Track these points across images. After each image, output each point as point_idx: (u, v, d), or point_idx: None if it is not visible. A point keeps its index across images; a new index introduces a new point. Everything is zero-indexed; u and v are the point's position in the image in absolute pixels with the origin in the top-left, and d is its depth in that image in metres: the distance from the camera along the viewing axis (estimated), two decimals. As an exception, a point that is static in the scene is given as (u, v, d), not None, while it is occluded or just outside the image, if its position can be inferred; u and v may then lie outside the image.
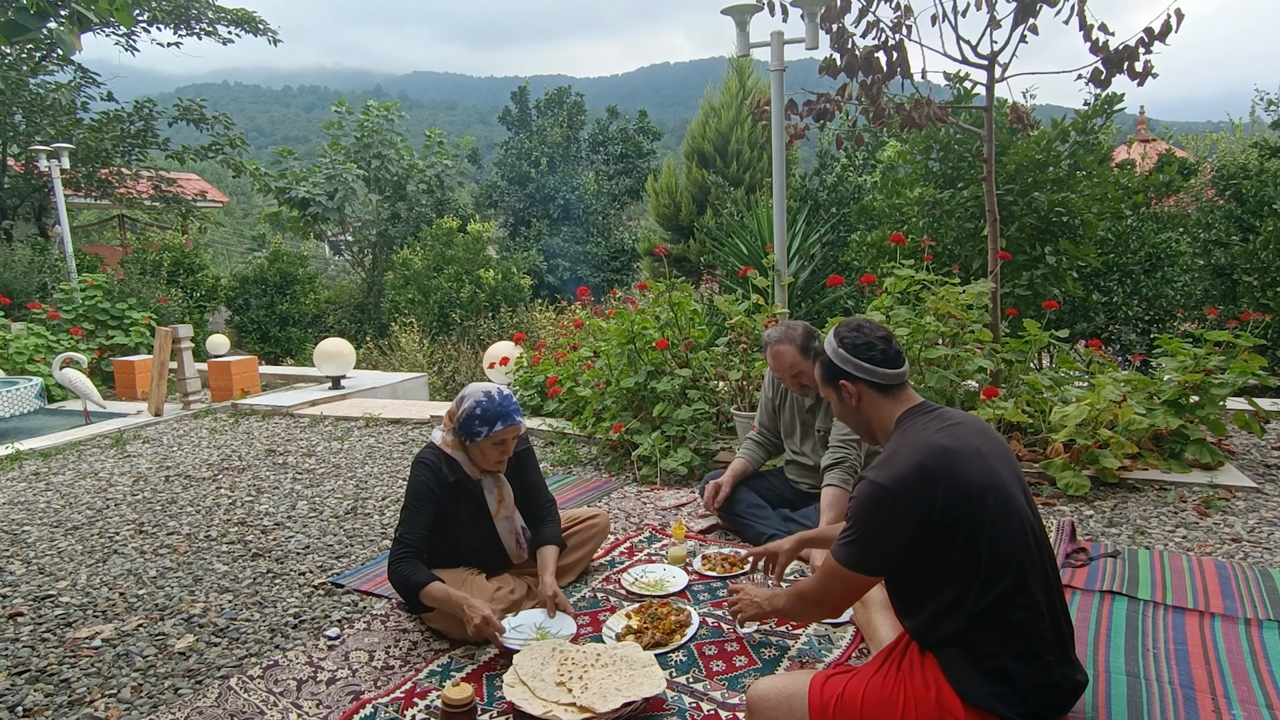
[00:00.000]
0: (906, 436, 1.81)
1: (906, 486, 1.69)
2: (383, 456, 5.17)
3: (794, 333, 3.26)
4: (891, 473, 1.72)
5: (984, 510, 1.68)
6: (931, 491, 1.67)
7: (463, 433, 2.69)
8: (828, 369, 1.99)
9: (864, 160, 11.87)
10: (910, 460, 1.72)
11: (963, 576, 1.69)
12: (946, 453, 1.72)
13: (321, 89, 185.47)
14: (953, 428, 1.80)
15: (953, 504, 1.67)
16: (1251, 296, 7.05)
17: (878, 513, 1.72)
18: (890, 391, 1.92)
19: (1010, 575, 1.69)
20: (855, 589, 1.84)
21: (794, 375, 3.27)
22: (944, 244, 6.15)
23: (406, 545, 2.59)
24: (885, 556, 1.75)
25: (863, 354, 1.91)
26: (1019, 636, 1.69)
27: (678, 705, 2.17)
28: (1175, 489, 3.75)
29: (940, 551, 1.69)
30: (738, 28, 4.91)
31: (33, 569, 3.47)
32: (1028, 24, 4.36)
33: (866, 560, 1.76)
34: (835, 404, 2.03)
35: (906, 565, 1.75)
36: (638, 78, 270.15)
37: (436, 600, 2.52)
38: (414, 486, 2.66)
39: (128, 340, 9.05)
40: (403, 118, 16.35)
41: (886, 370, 1.90)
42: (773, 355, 3.29)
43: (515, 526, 2.87)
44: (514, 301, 12.73)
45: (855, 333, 1.95)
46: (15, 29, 2.57)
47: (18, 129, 12.28)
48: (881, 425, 1.94)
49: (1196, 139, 21.60)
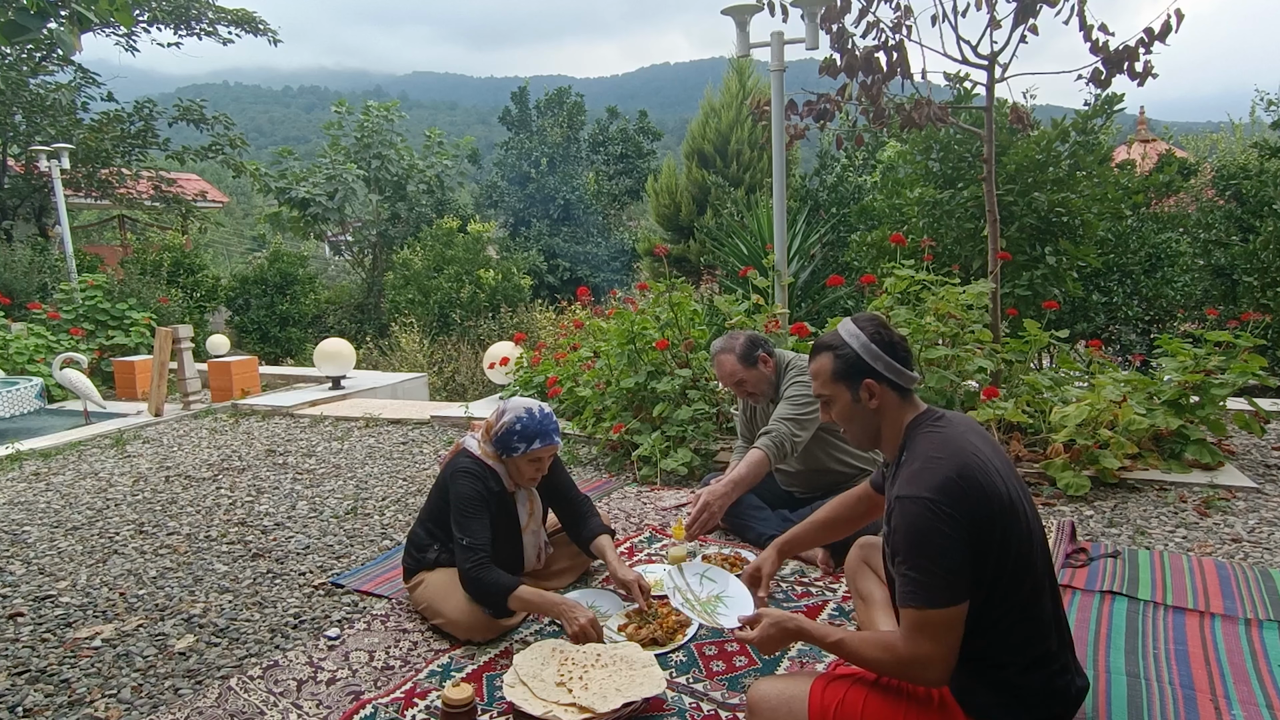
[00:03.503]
0: (931, 443, 1.71)
1: (952, 496, 1.59)
2: (383, 457, 5.17)
3: (735, 341, 3.32)
4: (931, 483, 1.61)
5: (1011, 520, 1.63)
6: (972, 500, 1.60)
7: (499, 446, 2.68)
8: (852, 364, 1.80)
9: (864, 160, 11.88)
10: (946, 469, 1.62)
11: (987, 587, 1.63)
12: (976, 456, 1.65)
13: (321, 89, 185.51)
14: (966, 435, 1.73)
15: (987, 513, 1.61)
16: (1251, 297, 7.05)
17: (936, 528, 1.58)
18: (907, 395, 1.82)
19: (1026, 586, 1.66)
20: (956, 628, 1.60)
21: (736, 383, 3.33)
22: (944, 244, 6.15)
23: (479, 551, 2.54)
24: (963, 573, 1.58)
25: (893, 352, 1.78)
26: (1030, 647, 1.68)
27: (678, 705, 2.17)
28: (1175, 489, 3.74)
29: (976, 563, 1.61)
30: (738, 28, 4.92)
31: (33, 569, 3.46)
32: (1028, 24, 4.35)
33: (951, 585, 1.57)
34: (841, 405, 1.85)
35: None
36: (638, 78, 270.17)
37: (529, 603, 2.50)
38: (466, 494, 2.62)
39: (128, 340, 9.05)
40: (403, 118, 16.35)
41: (910, 373, 1.80)
42: (716, 364, 3.35)
43: (540, 541, 2.89)
44: (514, 302, 12.73)
45: (884, 328, 1.81)
46: (15, 29, 2.57)
47: (18, 129, 12.29)
48: (891, 430, 1.82)
49: (1196, 139, 21.62)
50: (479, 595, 2.54)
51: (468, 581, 2.54)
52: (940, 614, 1.57)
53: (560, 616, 2.45)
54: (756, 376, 3.30)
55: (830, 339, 1.87)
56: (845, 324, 1.85)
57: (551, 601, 2.49)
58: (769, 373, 3.33)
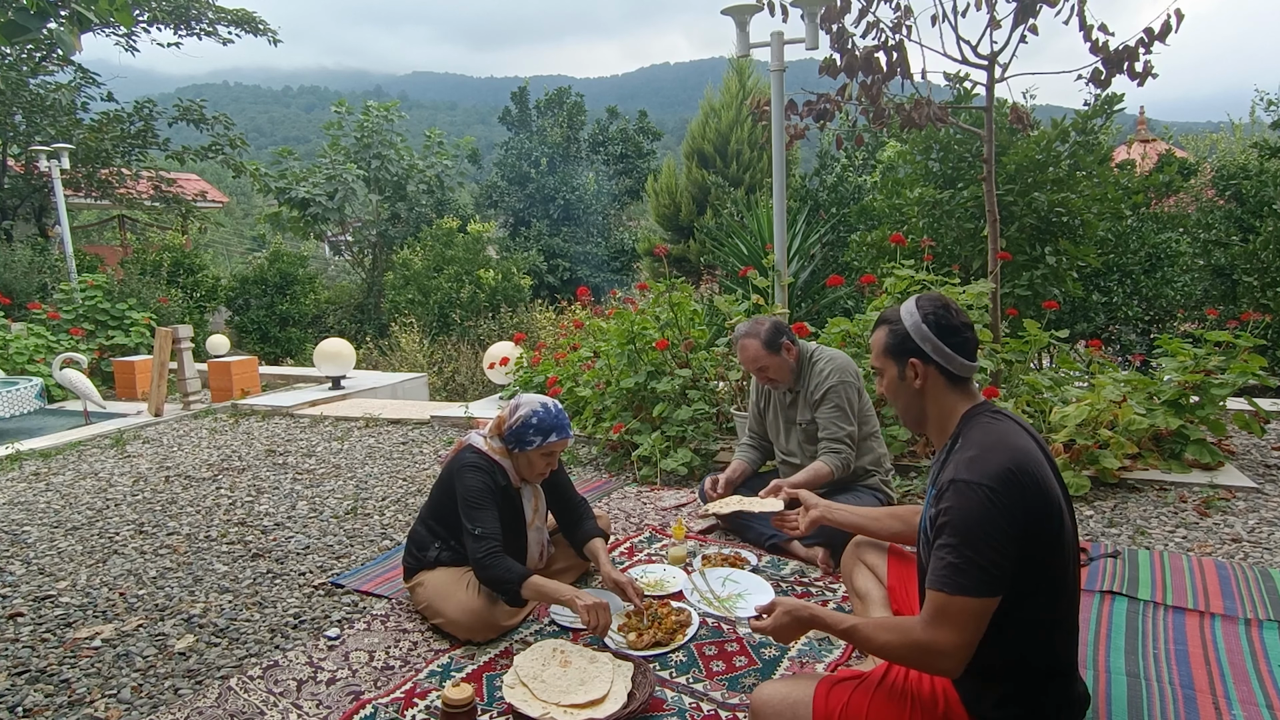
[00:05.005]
0: (989, 434, 1.67)
1: (1010, 488, 1.56)
2: (383, 457, 5.17)
3: (760, 327, 3.34)
4: (987, 470, 1.58)
5: (1059, 521, 1.62)
6: (1029, 496, 1.57)
7: (513, 440, 2.69)
8: (901, 341, 1.80)
9: (864, 160, 11.88)
10: (1002, 460, 1.60)
11: (1027, 588, 1.60)
12: (1030, 456, 1.62)
13: (321, 89, 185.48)
14: (1022, 433, 1.71)
15: (1038, 507, 1.58)
16: (1251, 297, 7.05)
17: (988, 514, 1.55)
18: (959, 384, 1.78)
19: (1063, 593, 1.64)
20: (981, 620, 1.56)
21: (759, 369, 3.36)
22: (944, 244, 6.16)
23: (491, 541, 2.55)
24: (1004, 568, 1.54)
25: (947, 336, 1.76)
26: (1054, 656, 1.67)
27: (678, 705, 2.17)
28: (1175, 489, 3.75)
29: (1022, 562, 1.58)
30: (738, 28, 4.91)
31: (33, 569, 3.46)
32: (1028, 24, 4.35)
33: (989, 577, 1.54)
34: (889, 379, 1.85)
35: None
36: (637, 78, 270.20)
37: (541, 591, 2.51)
38: (474, 486, 2.63)
39: (128, 340, 9.06)
40: (403, 118, 16.34)
41: (963, 360, 1.76)
42: (739, 349, 3.39)
43: (543, 538, 2.91)
44: (514, 302, 12.72)
45: (944, 311, 1.78)
46: (15, 29, 2.58)
47: (18, 129, 12.28)
48: (940, 416, 1.80)
49: (1196, 139, 21.61)
50: (492, 583, 2.55)
51: (480, 570, 2.55)
52: (970, 603, 1.54)
53: (571, 604, 2.46)
54: (779, 363, 3.33)
55: (890, 313, 1.87)
56: (909, 301, 1.85)
57: (563, 590, 2.50)
58: (791, 360, 3.36)
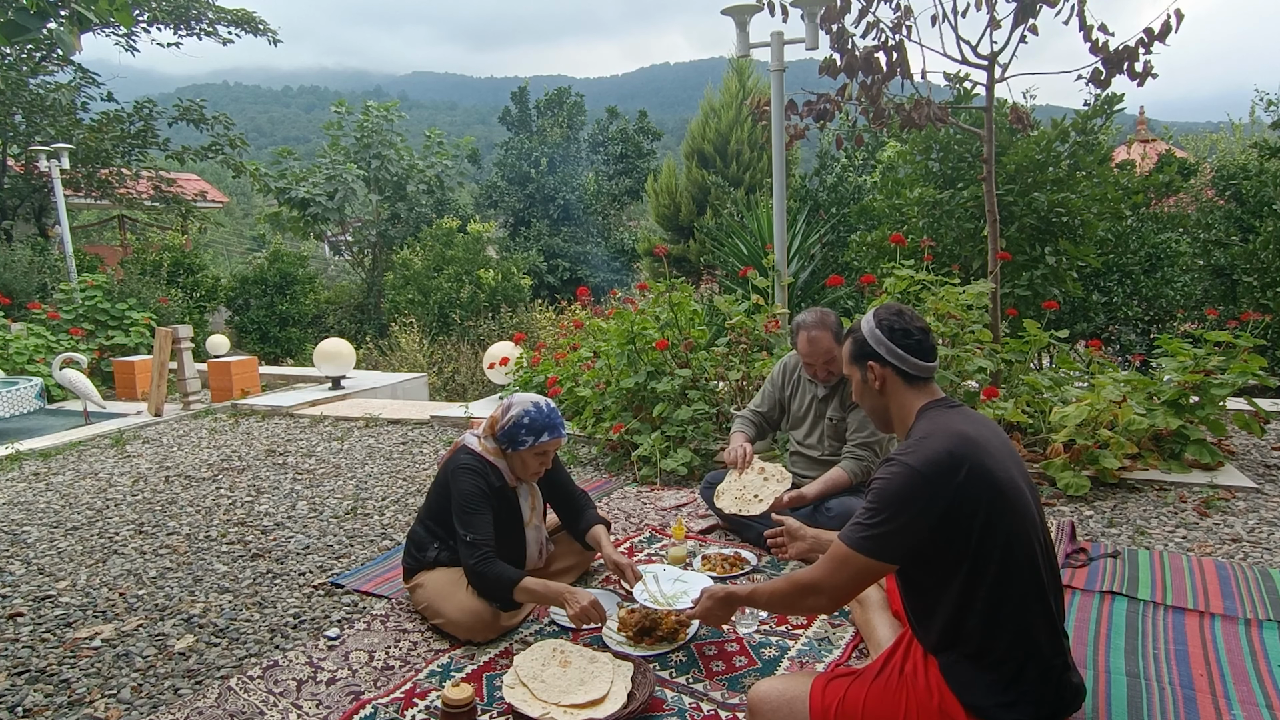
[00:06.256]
0: (934, 424, 1.79)
1: (939, 470, 1.67)
2: (383, 457, 5.17)
3: (829, 319, 3.21)
4: (922, 456, 1.70)
5: (1004, 503, 1.68)
6: (958, 477, 1.66)
7: (505, 440, 2.69)
8: (859, 347, 1.96)
9: (864, 160, 11.88)
10: (940, 445, 1.71)
11: (975, 573, 1.67)
12: (974, 442, 1.71)
13: (321, 89, 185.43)
14: (976, 421, 1.81)
15: (975, 492, 1.66)
16: (1251, 297, 7.05)
17: (908, 495, 1.68)
18: (915, 382, 1.90)
19: (1024, 579, 1.69)
20: (866, 578, 1.77)
21: (827, 361, 3.22)
22: (944, 244, 6.15)
23: (483, 547, 2.56)
24: (908, 543, 1.70)
25: (898, 339, 1.89)
26: (1034, 644, 1.69)
27: (678, 705, 2.17)
28: (1175, 489, 3.75)
29: (958, 543, 1.67)
30: (738, 28, 4.92)
31: (33, 569, 3.46)
32: (1028, 24, 4.36)
33: (888, 547, 1.70)
34: (856, 383, 2.01)
35: (923, 556, 1.72)
36: (637, 78, 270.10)
37: (534, 593, 2.51)
38: (467, 490, 2.62)
39: (128, 340, 9.05)
40: (402, 118, 16.35)
41: (917, 360, 1.89)
42: (809, 340, 3.21)
43: (541, 537, 2.90)
44: (514, 302, 12.72)
45: (896, 317, 1.93)
46: (15, 29, 2.58)
47: (18, 129, 12.29)
48: (900, 413, 1.92)
49: (1196, 139, 21.61)
50: (485, 590, 2.55)
51: (473, 576, 2.55)
52: (861, 560, 1.72)
53: (564, 604, 2.46)
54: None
55: (853, 325, 2.02)
56: (869, 311, 2.00)
57: (555, 590, 2.50)
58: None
